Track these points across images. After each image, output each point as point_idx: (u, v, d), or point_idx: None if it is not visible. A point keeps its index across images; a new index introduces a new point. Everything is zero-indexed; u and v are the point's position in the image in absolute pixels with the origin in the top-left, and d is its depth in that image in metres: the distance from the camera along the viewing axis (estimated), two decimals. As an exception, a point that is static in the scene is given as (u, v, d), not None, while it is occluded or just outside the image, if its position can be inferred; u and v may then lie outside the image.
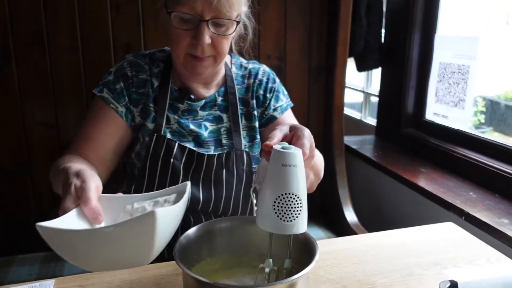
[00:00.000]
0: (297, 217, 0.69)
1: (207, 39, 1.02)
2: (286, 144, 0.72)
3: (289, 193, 0.68)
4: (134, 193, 1.13)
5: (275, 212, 0.68)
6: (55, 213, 1.67)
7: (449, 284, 0.78)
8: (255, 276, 0.78)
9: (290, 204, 0.69)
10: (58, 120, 1.60)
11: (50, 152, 1.61)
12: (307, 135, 0.78)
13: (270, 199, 0.68)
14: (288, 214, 0.69)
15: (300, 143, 0.76)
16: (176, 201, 0.78)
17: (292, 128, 0.81)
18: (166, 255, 1.12)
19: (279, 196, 0.68)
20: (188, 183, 0.82)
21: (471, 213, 1.35)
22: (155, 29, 1.64)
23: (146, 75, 1.14)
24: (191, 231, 0.80)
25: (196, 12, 1.00)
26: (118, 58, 1.61)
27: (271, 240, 0.75)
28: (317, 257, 0.71)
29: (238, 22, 1.06)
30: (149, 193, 0.83)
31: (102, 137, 1.09)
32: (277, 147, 0.70)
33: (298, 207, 0.69)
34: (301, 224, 0.70)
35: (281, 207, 0.68)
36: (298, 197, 0.69)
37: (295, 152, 0.69)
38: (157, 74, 1.15)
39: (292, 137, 0.78)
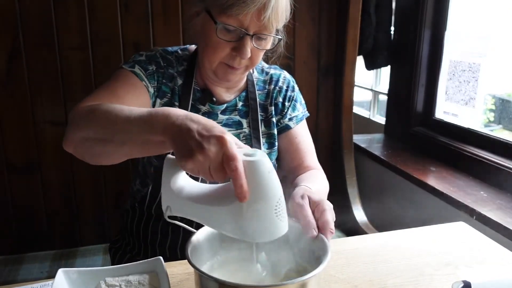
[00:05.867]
0: (286, 212, 0.70)
1: (249, 53, 1.01)
2: (246, 150, 0.69)
3: (282, 193, 0.69)
4: (150, 193, 1.13)
5: (277, 217, 0.68)
6: (64, 211, 1.67)
7: (462, 285, 0.78)
8: (265, 275, 0.78)
9: (284, 203, 0.69)
10: (68, 118, 1.61)
11: (60, 150, 1.61)
12: (329, 209, 0.81)
13: (271, 207, 0.67)
14: (285, 213, 0.69)
15: (324, 220, 0.78)
16: (150, 283, 0.79)
17: (312, 201, 0.83)
18: (179, 254, 1.13)
19: (278, 200, 0.67)
20: (160, 258, 0.82)
21: (482, 212, 1.34)
22: (164, 27, 1.64)
23: (174, 71, 1.13)
24: (203, 229, 0.80)
25: (242, 26, 0.98)
26: (127, 56, 1.61)
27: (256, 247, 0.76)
28: (329, 257, 0.71)
29: (280, 39, 1.07)
30: (122, 266, 0.83)
31: (133, 102, 0.99)
32: (245, 157, 0.66)
33: (285, 203, 0.70)
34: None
35: (280, 209, 0.68)
36: (282, 194, 0.69)
37: (267, 156, 0.68)
38: (181, 72, 1.14)
39: (314, 211, 0.81)
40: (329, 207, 0.81)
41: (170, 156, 0.72)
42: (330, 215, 0.80)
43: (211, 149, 0.64)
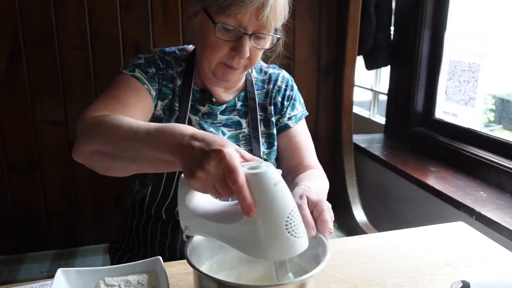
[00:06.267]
0: (303, 228, 0.66)
1: (248, 53, 1.01)
2: (252, 163, 0.66)
3: (295, 207, 0.65)
4: (150, 194, 1.13)
5: (289, 233, 0.64)
6: (64, 211, 1.67)
7: (461, 285, 0.78)
8: (265, 274, 0.78)
9: (298, 218, 0.65)
10: (68, 118, 1.61)
11: (60, 150, 1.62)
12: (328, 209, 0.80)
13: (280, 223, 0.63)
14: (300, 229, 0.65)
15: (323, 219, 0.78)
16: (150, 283, 0.79)
17: (310, 201, 0.83)
18: (178, 254, 1.13)
19: (289, 215, 0.64)
20: (160, 258, 0.82)
21: (482, 212, 1.34)
22: (164, 27, 1.64)
23: (173, 72, 1.12)
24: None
25: (240, 25, 0.98)
26: (127, 56, 1.61)
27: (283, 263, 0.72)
28: (327, 257, 0.70)
29: (279, 38, 1.07)
30: (121, 266, 0.82)
31: (137, 107, 1.01)
32: (249, 170, 0.63)
33: (300, 218, 0.66)
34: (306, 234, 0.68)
35: (293, 224, 0.64)
36: (296, 209, 0.66)
37: (273, 168, 0.65)
38: (180, 73, 1.13)
39: (312, 211, 0.81)
40: (327, 207, 0.81)
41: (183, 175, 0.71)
42: (328, 215, 0.80)
43: (211, 164, 0.63)
